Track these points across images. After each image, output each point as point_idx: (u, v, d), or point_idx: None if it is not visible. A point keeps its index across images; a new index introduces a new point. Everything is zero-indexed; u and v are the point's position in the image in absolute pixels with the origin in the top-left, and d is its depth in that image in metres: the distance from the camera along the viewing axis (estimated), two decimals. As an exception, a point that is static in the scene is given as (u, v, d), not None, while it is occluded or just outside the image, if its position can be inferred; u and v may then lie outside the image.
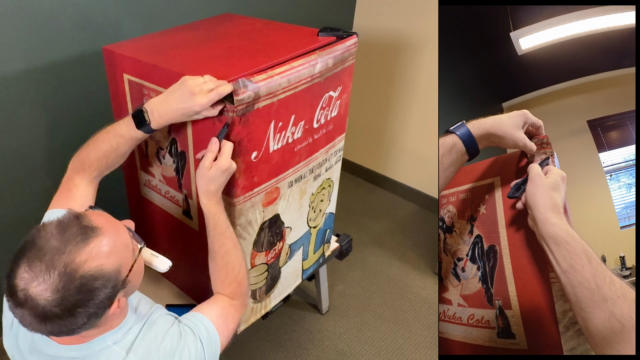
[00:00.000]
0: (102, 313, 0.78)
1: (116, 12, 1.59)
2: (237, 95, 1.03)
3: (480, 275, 1.15)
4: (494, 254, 1.10)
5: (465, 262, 1.20)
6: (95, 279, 0.74)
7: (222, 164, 1.03)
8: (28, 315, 0.72)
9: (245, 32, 1.41)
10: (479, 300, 1.17)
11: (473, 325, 1.20)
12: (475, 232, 1.15)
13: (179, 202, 1.32)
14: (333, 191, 1.61)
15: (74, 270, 0.72)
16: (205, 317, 0.99)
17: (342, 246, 1.84)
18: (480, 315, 1.16)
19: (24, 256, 0.73)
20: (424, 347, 1.94)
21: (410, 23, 2.42)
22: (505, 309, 1.08)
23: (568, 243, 0.78)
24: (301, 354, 1.87)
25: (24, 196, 1.61)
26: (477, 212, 1.16)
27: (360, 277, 2.26)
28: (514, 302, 1.06)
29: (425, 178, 2.69)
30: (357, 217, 2.65)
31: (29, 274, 0.71)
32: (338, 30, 1.34)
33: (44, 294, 0.70)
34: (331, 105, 1.36)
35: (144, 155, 1.35)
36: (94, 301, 0.74)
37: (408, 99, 2.60)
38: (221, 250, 1.09)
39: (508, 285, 1.06)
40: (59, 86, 1.56)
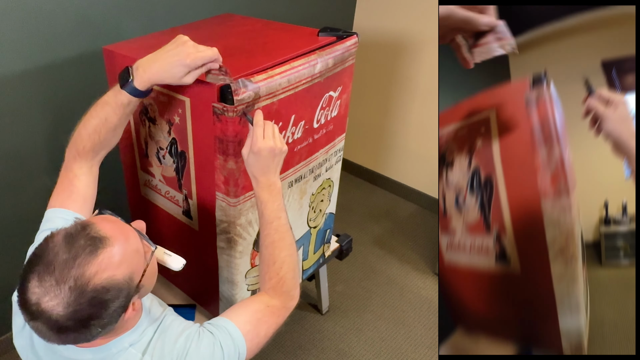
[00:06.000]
0: (117, 320, 0.77)
1: (116, 12, 1.59)
2: (237, 95, 1.03)
3: (479, 205, 1.23)
4: (490, 184, 1.17)
5: (466, 193, 1.28)
6: (107, 290, 0.73)
7: (252, 147, 0.99)
8: (43, 327, 0.71)
9: (245, 32, 1.41)
10: (479, 228, 1.25)
11: (475, 252, 1.29)
12: (474, 165, 1.22)
13: (179, 202, 1.32)
14: (333, 191, 1.61)
15: (84, 284, 0.71)
16: (231, 322, 0.93)
17: (342, 246, 1.84)
18: (480, 242, 1.25)
19: (34, 270, 0.71)
20: (424, 347, 1.94)
21: (410, 23, 2.42)
22: (501, 235, 1.17)
23: None
24: (301, 354, 1.87)
25: (24, 196, 1.61)
26: (474, 146, 1.22)
27: (360, 277, 2.26)
28: (508, 229, 1.14)
29: (425, 178, 2.69)
30: (357, 217, 2.65)
31: (40, 289, 0.70)
32: (338, 31, 1.34)
33: (56, 308, 0.69)
34: (331, 105, 1.36)
35: (144, 155, 1.35)
36: (107, 312, 0.74)
37: (408, 99, 2.60)
38: (266, 241, 1.03)
39: (503, 213, 1.15)
40: (59, 86, 1.56)
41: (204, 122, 1.10)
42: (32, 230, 1.63)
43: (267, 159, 1.00)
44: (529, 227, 1.11)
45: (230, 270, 1.31)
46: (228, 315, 0.96)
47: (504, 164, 1.14)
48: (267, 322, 0.99)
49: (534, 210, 1.07)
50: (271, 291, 1.02)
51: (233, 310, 0.98)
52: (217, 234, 1.26)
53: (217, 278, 1.36)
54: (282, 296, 1.03)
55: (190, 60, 0.95)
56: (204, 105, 1.08)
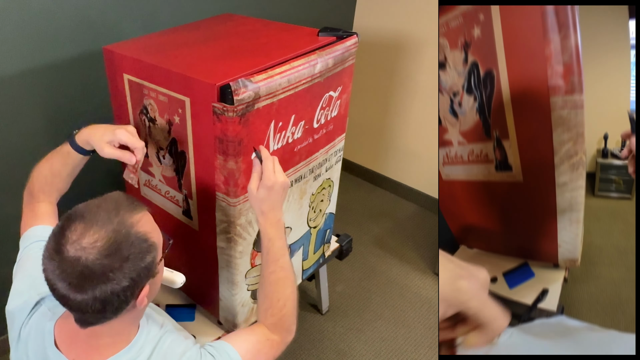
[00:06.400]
0: (132, 295, 0.76)
1: (116, 12, 1.59)
2: (237, 95, 1.03)
3: (477, 107, 1.11)
4: (490, 80, 1.05)
5: (462, 95, 1.16)
6: (144, 240, 0.76)
7: (265, 181, 1.01)
8: (68, 274, 0.71)
9: (245, 32, 1.41)
10: (477, 134, 1.14)
11: (473, 162, 1.18)
12: (470, 60, 1.10)
13: (179, 202, 1.32)
14: (333, 191, 1.61)
15: (127, 228, 0.74)
16: (233, 349, 0.93)
17: (342, 246, 1.84)
18: (479, 149, 1.15)
19: (76, 217, 0.74)
20: (424, 347, 1.94)
21: (410, 23, 2.42)
22: (502, 139, 1.05)
23: None
24: (301, 354, 1.87)
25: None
26: (471, 37, 1.09)
27: (360, 277, 2.26)
28: (511, 131, 1.03)
29: (425, 178, 2.69)
30: (357, 217, 2.65)
31: (83, 227, 0.72)
32: (338, 30, 1.34)
33: (96, 243, 0.71)
34: (331, 105, 1.36)
35: (144, 155, 1.35)
36: (133, 267, 0.74)
37: (408, 99, 2.60)
38: (271, 278, 1.03)
39: (506, 113, 1.02)
40: (59, 86, 1.56)
41: (204, 122, 1.10)
42: (32, 230, 1.60)
43: (278, 194, 1.02)
44: (535, 129, 0.98)
45: (230, 270, 1.31)
46: (229, 340, 0.96)
47: (508, 56, 0.99)
48: (266, 355, 1.01)
49: (541, 109, 0.94)
50: (272, 327, 1.04)
51: (234, 337, 0.99)
52: (217, 234, 1.26)
53: (217, 278, 1.36)
54: (282, 332, 1.05)
55: (117, 132, 1.01)
56: (204, 105, 1.08)
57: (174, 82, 1.12)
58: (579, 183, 1.04)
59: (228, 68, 1.11)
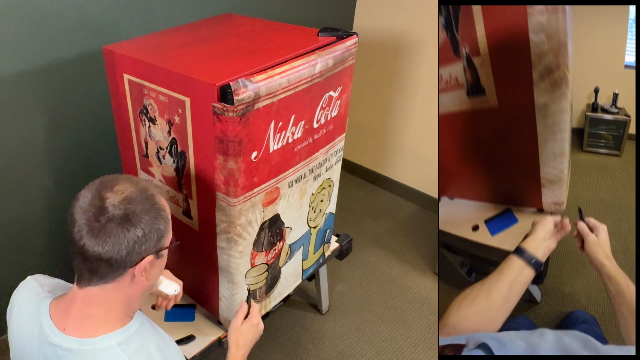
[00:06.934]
0: (137, 256, 0.80)
1: (116, 12, 1.59)
2: (237, 95, 1.03)
3: (443, 22, 1.00)
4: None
5: None
6: (163, 209, 0.83)
7: (252, 319, 1.17)
8: (93, 207, 0.77)
9: (245, 32, 1.41)
10: (446, 56, 1.02)
11: (443, 91, 1.07)
12: None
13: (179, 202, 1.32)
14: (333, 191, 1.61)
15: (152, 193, 0.82)
16: None
17: (342, 246, 1.84)
18: (448, 74, 1.03)
19: (114, 176, 0.82)
20: (424, 347, 1.94)
21: (410, 23, 2.42)
22: (473, 57, 0.93)
23: (617, 281, 1.05)
24: (301, 354, 1.87)
25: (24, 196, 1.61)
26: None
27: (360, 277, 2.26)
28: (482, 45, 0.90)
29: (425, 178, 2.69)
30: (357, 217, 2.65)
31: (118, 180, 0.81)
32: (338, 31, 1.34)
33: (126, 191, 0.79)
34: (331, 105, 1.36)
35: (143, 155, 1.35)
36: (152, 221, 0.80)
37: (408, 99, 2.60)
38: None
39: (476, 25, 0.90)
40: (59, 86, 1.56)
41: (204, 122, 1.10)
42: (32, 230, 1.64)
43: (256, 334, 1.17)
44: (509, 39, 0.85)
45: (230, 270, 1.31)
46: None
47: None
48: None
49: (516, 14, 0.82)
50: None
51: None
52: (217, 234, 1.26)
53: (217, 278, 1.36)
54: None
55: None
56: (204, 105, 1.08)
57: (174, 82, 1.13)
58: (562, 105, 0.90)
59: (228, 68, 1.12)
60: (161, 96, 1.17)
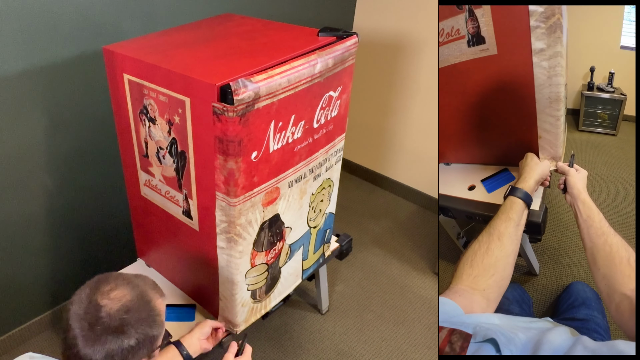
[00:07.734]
0: None
1: (116, 12, 1.59)
2: (237, 95, 1.03)
3: None
4: None
5: None
6: (158, 315, 0.87)
7: (245, 358, 1.23)
8: (89, 316, 0.79)
9: (245, 32, 1.41)
10: (448, 10, 1.11)
11: (443, 44, 1.15)
12: None
13: (179, 202, 1.32)
14: (333, 191, 1.61)
15: (149, 298, 0.85)
16: None
17: (342, 246, 1.84)
18: (450, 27, 1.11)
19: (111, 278, 0.85)
20: (424, 347, 1.94)
21: (410, 23, 2.42)
22: (475, 8, 1.03)
23: (589, 206, 1.19)
24: (301, 354, 1.87)
25: (24, 196, 1.61)
26: None
27: (360, 277, 2.26)
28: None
29: (425, 178, 2.69)
30: (357, 217, 2.65)
31: (115, 285, 0.83)
32: (338, 30, 1.34)
33: (122, 298, 0.81)
34: (331, 105, 1.36)
35: (143, 155, 1.35)
36: (147, 328, 0.83)
37: (408, 99, 2.60)
38: None
39: None
40: (59, 86, 1.56)
41: (204, 122, 1.10)
42: (32, 230, 1.64)
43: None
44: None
45: (230, 270, 1.31)
46: None
47: None
48: None
49: None
50: None
51: None
52: (217, 234, 1.26)
53: (217, 278, 1.36)
54: None
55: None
56: (204, 105, 1.08)
57: (174, 82, 1.13)
58: (557, 49, 0.99)
59: (228, 68, 1.12)
60: (161, 96, 1.17)
